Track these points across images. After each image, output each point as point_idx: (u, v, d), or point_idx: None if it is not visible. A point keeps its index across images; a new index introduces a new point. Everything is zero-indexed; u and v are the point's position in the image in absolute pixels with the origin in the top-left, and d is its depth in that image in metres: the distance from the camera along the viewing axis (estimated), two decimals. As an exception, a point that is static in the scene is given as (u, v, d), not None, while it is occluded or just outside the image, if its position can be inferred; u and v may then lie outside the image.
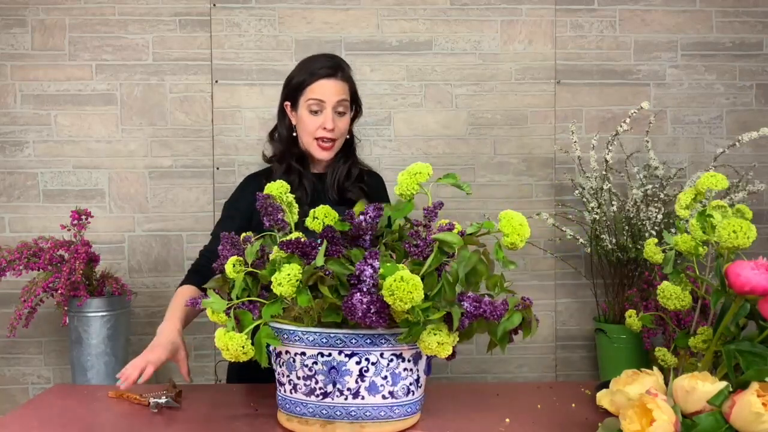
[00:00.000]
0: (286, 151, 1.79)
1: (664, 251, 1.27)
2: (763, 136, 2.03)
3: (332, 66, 1.74)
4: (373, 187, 1.85)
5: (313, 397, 1.14)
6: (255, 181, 1.81)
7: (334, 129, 1.71)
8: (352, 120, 1.83)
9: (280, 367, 1.18)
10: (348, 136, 1.81)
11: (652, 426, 0.94)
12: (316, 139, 1.73)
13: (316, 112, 1.71)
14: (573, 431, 1.19)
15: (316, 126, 1.71)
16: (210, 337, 2.32)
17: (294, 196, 1.29)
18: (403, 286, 0.99)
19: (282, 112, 1.81)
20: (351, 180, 1.80)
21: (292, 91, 1.76)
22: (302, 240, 1.13)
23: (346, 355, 1.12)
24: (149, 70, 2.32)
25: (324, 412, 1.14)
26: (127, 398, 1.39)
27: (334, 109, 1.71)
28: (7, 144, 2.30)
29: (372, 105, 2.35)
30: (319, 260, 1.10)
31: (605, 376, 2.12)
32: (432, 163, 1.41)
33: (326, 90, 1.71)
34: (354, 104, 1.81)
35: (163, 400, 1.34)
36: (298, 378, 1.15)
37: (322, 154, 1.75)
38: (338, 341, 1.11)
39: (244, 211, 1.74)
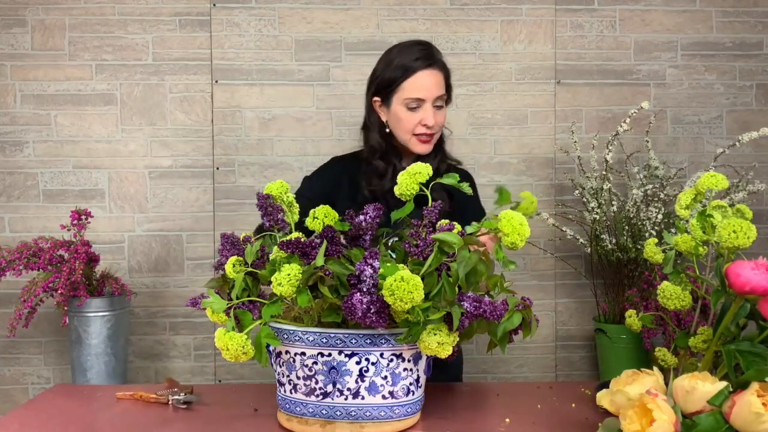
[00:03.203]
0: (378, 146, 1.68)
1: (664, 251, 1.27)
2: (763, 136, 2.03)
3: (427, 56, 1.60)
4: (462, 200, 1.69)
5: (313, 397, 1.14)
6: (341, 164, 1.72)
7: (434, 125, 1.61)
8: None
9: (280, 367, 1.18)
10: None
11: (652, 426, 0.94)
12: (415, 135, 1.62)
13: (414, 108, 1.60)
14: (573, 431, 1.19)
15: (415, 123, 1.60)
16: (210, 337, 2.32)
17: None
18: (404, 286, 0.99)
19: (370, 107, 1.69)
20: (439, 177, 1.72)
21: (384, 86, 1.63)
22: (302, 240, 1.13)
23: (346, 355, 1.12)
24: (149, 70, 2.32)
25: (324, 412, 1.14)
26: (140, 398, 1.39)
27: (433, 104, 1.60)
28: (7, 144, 2.30)
29: (372, 105, 2.35)
30: (319, 260, 1.10)
31: (605, 376, 2.12)
32: (432, 163, 1.41)
33: (425, 85, 1.58)
34: (449, 95, 1.67)
35: (182, 396, 1.35)
36: (298, 378, 1.15)
37: (423, 148, 1.63)
38: (338, 341, 1.11)
39: (319, 192, 1.64)
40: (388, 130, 1.67)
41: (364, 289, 1.05)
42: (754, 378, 0.97)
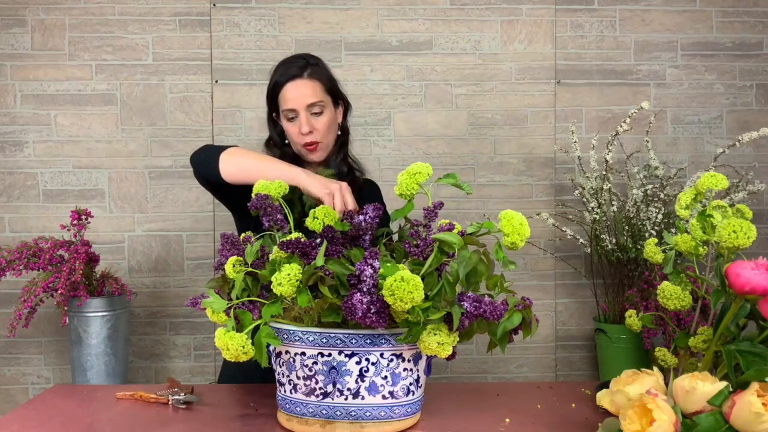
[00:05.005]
0: (281, 157, 1.71)
1: (664, 251, 1.27)
2: (763, 136, 2.03)
3: (295, 67, 1.68)
4: (367, 199, 1.75)
5: (313, 397, 1.14)
6: None
7: (312, 131, 1.66)
8: (344, 115, 1.78)
9: (280, 367, 1.18)
10: (339, 132, 1.75)
11: (652, 426, 0.94)
12: (302, 145, 1.68)
13: (292, 119, 1.67)
14: (573, 431, 1.19)
15: (297, 133, 1.67)
16: (210, 337, 2.32)
17: (290, 197, 1.29)
18: (404, 286, 0.99)
19: (271, 121, 1.77)
20: (342, 178, 1.76)
21: (271, 103, 1.72)
22: (302, 240, 1.13)
23: (346, 355, 1.12)
24: (149, 70, 2.32)
25: (324, 412, 1.14)
26: (140, 398, 1.39)
27: (308, 111, 1.66)
28: (7, 144, 2.30)
29: (372, 105, 2.35)
30: (319, 260, 1.10)
31: (605, 376, 2.12)
32: (432, 163, 1.41)
33: (293, 96, 1.65)
34: (336, 99, 1.74)
35: (182, 396, 1.35)
36: (298, 378, 1.15)
37: (312, 157, 1.70)
38: (338, 341, 1.11)
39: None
40: (287, 141, 1.74)
41: (364, 289, 1.05)
42: (754, 378, 0.97)
